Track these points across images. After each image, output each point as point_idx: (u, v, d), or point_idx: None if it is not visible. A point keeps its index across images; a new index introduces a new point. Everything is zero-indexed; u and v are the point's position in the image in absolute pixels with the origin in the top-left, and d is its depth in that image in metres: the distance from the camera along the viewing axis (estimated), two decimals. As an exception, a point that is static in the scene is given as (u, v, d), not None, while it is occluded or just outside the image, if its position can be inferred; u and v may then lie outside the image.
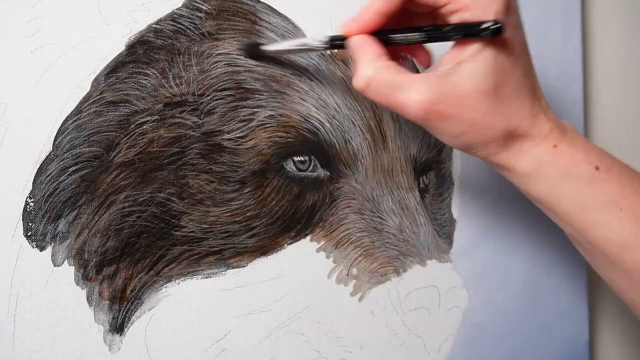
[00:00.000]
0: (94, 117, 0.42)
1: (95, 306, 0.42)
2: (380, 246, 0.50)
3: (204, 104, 0.45)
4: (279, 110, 0.46)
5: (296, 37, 0.48)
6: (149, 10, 0.44)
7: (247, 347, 0.47)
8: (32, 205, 0.41)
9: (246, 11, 0.47)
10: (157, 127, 0.43)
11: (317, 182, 0.48)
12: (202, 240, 0.45)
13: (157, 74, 0.44)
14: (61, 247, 0.41)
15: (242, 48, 0.46)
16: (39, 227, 0.41)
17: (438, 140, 0.49)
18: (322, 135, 0.48)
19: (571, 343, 0.66)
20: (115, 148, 0.43)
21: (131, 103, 0.43)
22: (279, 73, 0.47)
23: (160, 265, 0.44)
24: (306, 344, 0.49)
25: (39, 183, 0.41)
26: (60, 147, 0.41)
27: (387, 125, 0.51)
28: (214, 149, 0.45)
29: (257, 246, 0.46)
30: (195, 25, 0.45)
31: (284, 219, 0.47)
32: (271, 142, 0.46)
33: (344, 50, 0.43)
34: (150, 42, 0.44)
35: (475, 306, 0.56)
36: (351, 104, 0.49)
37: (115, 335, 0.43)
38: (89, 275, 0.42)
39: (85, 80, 0.42)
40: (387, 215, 0.50)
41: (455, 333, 0.54)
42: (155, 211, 0.43)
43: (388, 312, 0.50)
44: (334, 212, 0.49)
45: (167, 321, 0.45)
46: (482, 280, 0.56)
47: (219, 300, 0.46)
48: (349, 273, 0.49)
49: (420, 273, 0.51)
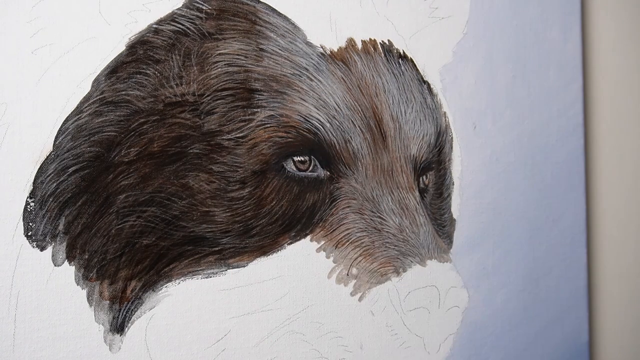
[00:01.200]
0: (94, 117, 0.42)
1: (96, 306, 0.42)
2: (380, 246, 0.50)
3: (204, 104, 0.45)
4: (279, 111, 0.46)
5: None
6: (149, 10, 0.44)
7: (247, 347, 0.47)
8: (33, 205, 0.41)
9: (246, 11, 0.47)
10: (158, 127, 0.44)
11: (317, 182, 0.48)
12: (202, 240, 0.45)
13: (157, 74, 0.44)
14: (61, 247, 0.41)
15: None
16: (40, 227, 0.41)
17: (438, 140, 0.49)
18: (322, 135, 0.48)
19: (571, 343, 0.66)
20: (115, 148, 0.43)
21: (131, 103, 0.43)
22: (279, 73, 0.47)
23: (161, 265, 0.44)
24: (306, 343, 0.49)
25: (39, 183, 0.41)
26: (60, 147, 0.41)
27: (387, 126, 0.51)
28: (214, 149, 0.45)
29: (257, 246, 0.46)
30: (196, 26, 0.45)
31: (284, 219, 0.47)
32: (271, 142, 0.46)
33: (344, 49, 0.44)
34: (151, 42, 0.44)
35: (475, 306, 0.56)
36: (351, 104, 0.49)
37: (116, 335, 0.43)
38: (89, 275, 0.42)
39: (86, 80, 0.42)
40: (387, 215, 0.50)
41: (454, 333, 0.54)
42: (156, 211, 0.43)
43: (388, 311, 0.51)
44: (334, 212, 0.49)
45: (167, 321, 0.45)
46: (482, 280, 0.56)
47: (219, 300, 0.46)
48: (349, 273, 0.49)
49: (420, 273, 0.52)
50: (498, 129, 0.59)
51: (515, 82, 0.60)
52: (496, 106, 0.59)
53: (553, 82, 0.62)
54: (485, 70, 0.58)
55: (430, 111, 0.54)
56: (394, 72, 0.52)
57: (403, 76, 0.53)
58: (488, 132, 0.58)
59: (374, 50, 0.52)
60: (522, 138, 0.60)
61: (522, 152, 0.60)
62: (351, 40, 0.51)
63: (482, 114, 0.58)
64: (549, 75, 0.62)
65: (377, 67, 0.51)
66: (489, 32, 0.58)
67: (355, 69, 0.50)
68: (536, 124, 0.61)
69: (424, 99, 0.54)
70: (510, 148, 0.60)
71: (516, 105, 0.60)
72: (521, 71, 0.60)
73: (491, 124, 0.59)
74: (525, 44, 0.61)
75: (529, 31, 0.57)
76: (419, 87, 0.54)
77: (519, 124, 0.60)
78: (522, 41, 0.60)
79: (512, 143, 0.60)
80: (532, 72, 0.61)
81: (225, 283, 0.46)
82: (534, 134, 0.61)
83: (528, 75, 0.61)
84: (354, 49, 0.50)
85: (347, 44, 0.50)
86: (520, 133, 0.60)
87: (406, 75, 0.53)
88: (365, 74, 0.50)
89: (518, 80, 0.60)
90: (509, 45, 0.60)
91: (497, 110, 0.59)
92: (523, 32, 0.60)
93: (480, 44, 0.58)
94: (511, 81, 0.60)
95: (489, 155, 0.58)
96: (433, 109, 0.55)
